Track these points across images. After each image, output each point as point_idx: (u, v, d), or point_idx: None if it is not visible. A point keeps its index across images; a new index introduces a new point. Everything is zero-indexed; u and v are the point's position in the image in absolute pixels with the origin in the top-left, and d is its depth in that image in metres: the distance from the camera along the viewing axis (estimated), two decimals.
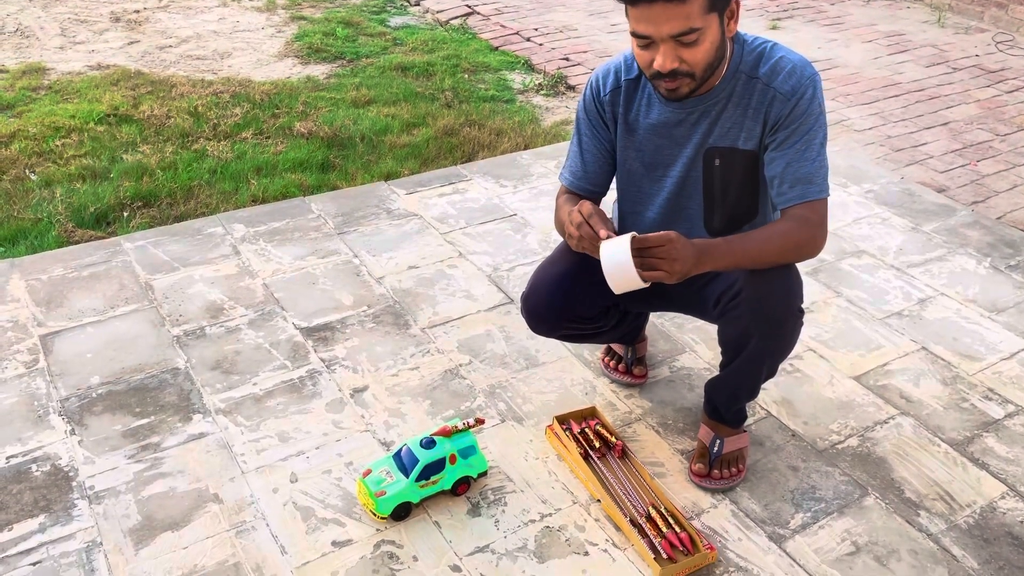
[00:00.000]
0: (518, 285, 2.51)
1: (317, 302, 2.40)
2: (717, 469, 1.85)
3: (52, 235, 2.83)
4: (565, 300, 1.78)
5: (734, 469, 1.86)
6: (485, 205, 2.96)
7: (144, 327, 2.28)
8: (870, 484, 1.88)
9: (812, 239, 1.62)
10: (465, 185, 3.10)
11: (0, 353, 2.16)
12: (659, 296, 1.87)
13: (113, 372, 2.11)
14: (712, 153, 1.68)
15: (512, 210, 2.93)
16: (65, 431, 1.93)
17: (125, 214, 2.98)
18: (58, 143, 3.47)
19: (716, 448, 1.86)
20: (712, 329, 2.30)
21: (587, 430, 1.92)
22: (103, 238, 2.77)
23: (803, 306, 1.71)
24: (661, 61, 1.51)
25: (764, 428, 2.02)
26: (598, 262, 1.53)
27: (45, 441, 1.90)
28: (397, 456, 1.77)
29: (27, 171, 3.27)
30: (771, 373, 1.80)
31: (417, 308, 2.40)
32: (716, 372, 2.09)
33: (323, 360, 2.18)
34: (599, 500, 1.80)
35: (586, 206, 1.58)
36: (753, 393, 1.85)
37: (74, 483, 1.80)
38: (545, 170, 3.21)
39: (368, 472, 1.76)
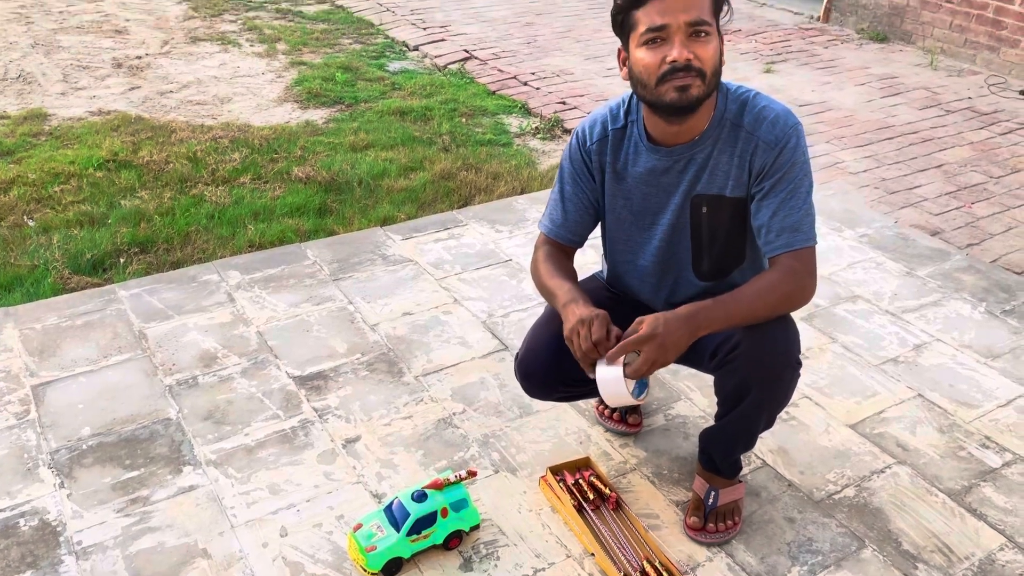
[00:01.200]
0: (513, 332, 2.50)
1: (311, 350, 2.40)
2: (712, 522, 1.83)
3: (48, 282, 2.83)
4: (560, 363, 1.77)
5: (730, 522, 1.84)
6: (480, 250, 2.97)
7: (136, 376, 2.27)
8: (867, 536, 1.85)
9: (801, 289, 1.62)
10: (461, 230, 3.11)
11: None
12: None
13: (104, 423, 2.10)
14: (699, 200, 1.69)
15: (507, 255, 2.94)
16: (54, 484, 1.91)
17: (121, 260, 2.98)
18: (57, 189, 3.49)
19: (711, 500, 1.84)
20: (707, 376, 2.29)
21: (581, 481, 1.91)
22: (99, 284, 2.78)
23: (800, 356, 1.70)
24: (677, 52, 1.52)
25: (760, 478, 2.00)
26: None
27: (34, 495, 1.88)
28: (388, 510, 1.75)
29: (25, 217, 3.28)
30: (768, 424, 1.79)
31: (411, 355, 2.39)
32: (711, 420, 2.08)
33: (316, 409, 2.17)
34: (593, 554, 1.77)
35: (598, 326, 1.56)
36: (750, 444, 1.83)
37: (62, 538, 1.78)
38: (540, 215, 3.21)
39: (359, 526, 1.74)
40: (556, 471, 1.94)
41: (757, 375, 1.64)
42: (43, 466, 1.96)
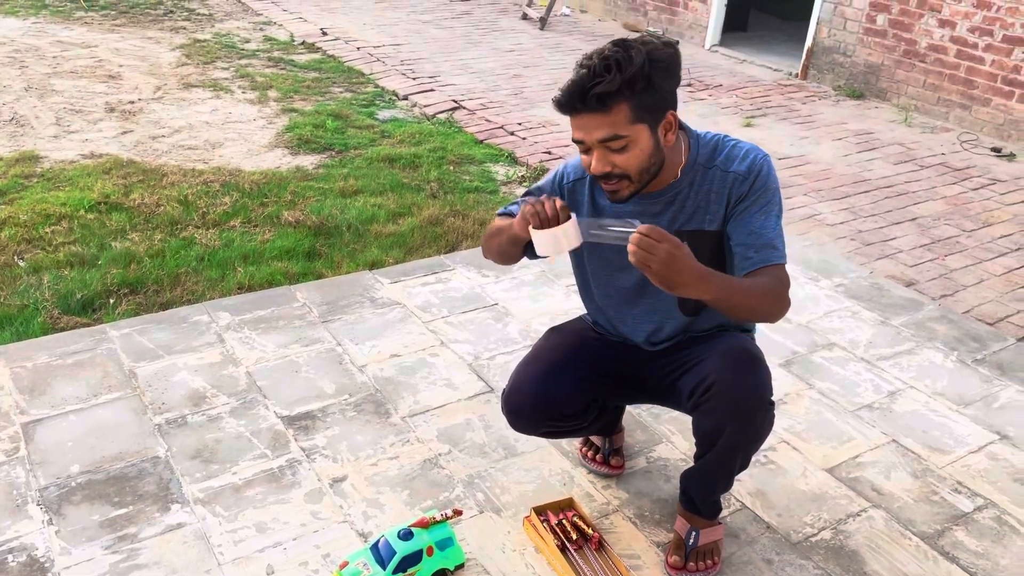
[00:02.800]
0: (498, 374, 2.55)
1: (299, 390, 2.43)
2: (693, 561, 1.87)
3: (38, 321, 2.86)
4: (547, 399, 1.83)
5: (709, 561, 1.88)
6: (467, 295, 3.03)
7: (126, 415, 2.29)
8: None
9: (784, 296, 1.67)
10: (448, 275, 3.17)
11: None
12: (637, 387, 1.93)
13: (93, 461, 2.12)
14: (681, 237, 1.75)
15: (493, 299, 3.00)
16: (43, 521, 1.93)
17: (111, 301, 3.01)
18: (48, 230, 3.52)
19: (692, 540, 1.88)
20: (688, 419, 2.34)
21: (564, 521, 1.94)
22: (89, 324, 2.81)
23: (774, 398, 1.76)
24: (595, 166, 1.63)
25: (739, 520, 2.04)
26: (581, 357, 1.74)
27: (22, 531, 1.90)
28: (375, 548, 1.78)
29: (16, 257, 3.31)
30: (744, 465, 1.84)
31: (398, 396, 2.43)
32: (692, 463, 2.13)
33: (303, 449, 2.20)
34: None
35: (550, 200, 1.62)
36: (728, 484, 1.88)
37: (50, 575, 1.79)
38: (526, 261, 3.29)
39: (345, 564, 1.76)
40: (540, 511, 1.97)
41: (730, 416, 1.70)
42: (32, 503, 1.98)
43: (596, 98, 1.55)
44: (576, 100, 1.58)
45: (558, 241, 1.61)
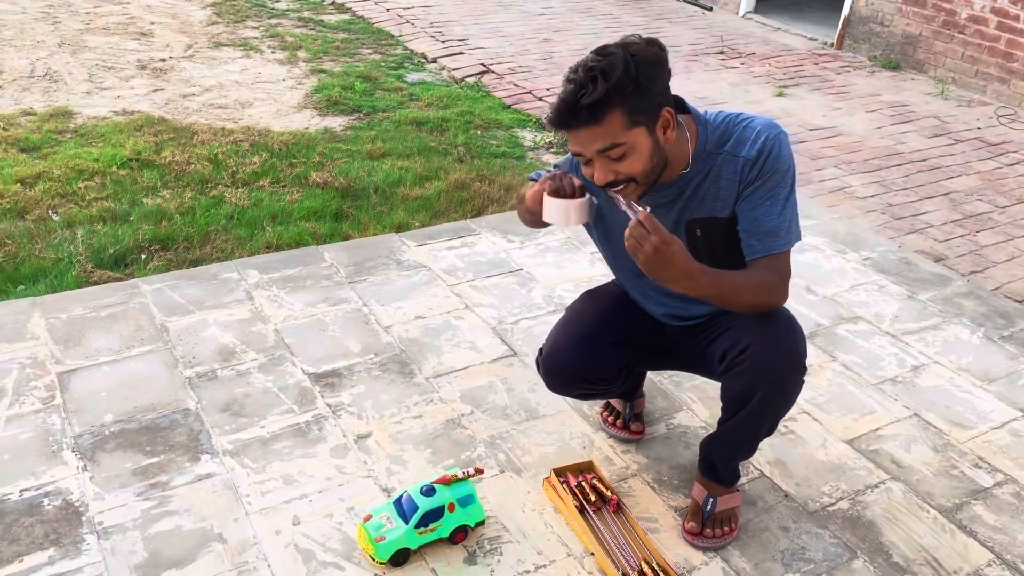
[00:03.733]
0: (522, 339, 2.58)
1: (326, 349, 2.47)
2: (710, 527, 1.89)
3: (72, 275, 2.91)
4: (585, 362, 1.87)
5: (726, 528, 1.90)
6: (492, 259, 3.05)
7: (158, 368, 2.35)
8: (859, 547, 1.91)
9: (780, 287, 1.67)
10: (474, 239, 3.19)
11: (19, 389, 2.23)
12: (666, 355, 1.95)
13: (126, 411, 2.18)
14: (693, 224, 1.76)
15: (518, 265, 3.01)
16: (77, 467, 1.99)
17: (143, 256, 3.07)
18: (81, 185, 3.57)
19: (709, 507, 1.90)
20: (711, 389, 2.36)
21: (584, 484, 1.97)
22: (121, 279, 2.86)
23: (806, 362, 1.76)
24: (598, 176, 1.63)
25: (757, 488, 2.06)
26: (617, 322, 1.81)
27: (58, 476, 1.96)
28: (398, 503, 1.82)
29: (50, 211, 3.37)
30: (771, 430, 1.85)
31: (423, 357, 2.47)
32: (711, 430, 2.15)
33: (329, 406, 2.24)
34: (593, 553, 1.84)
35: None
36: (751, 450, 1.90)
37: (84, 518, 1.85)
38: (551, 227, 3.29)
39: (369, 517, 1.81)
40: (560, 473, 2.01)
41: (764, 378, 1.70)
42: (67, 449, 2.04)
43: (587, 110, 1.53)
44: (567, 116, 1.56)
45: (568, 214, 1.68)
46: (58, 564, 1.74)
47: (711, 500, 1.90)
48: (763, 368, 1.69)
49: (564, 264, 3.04)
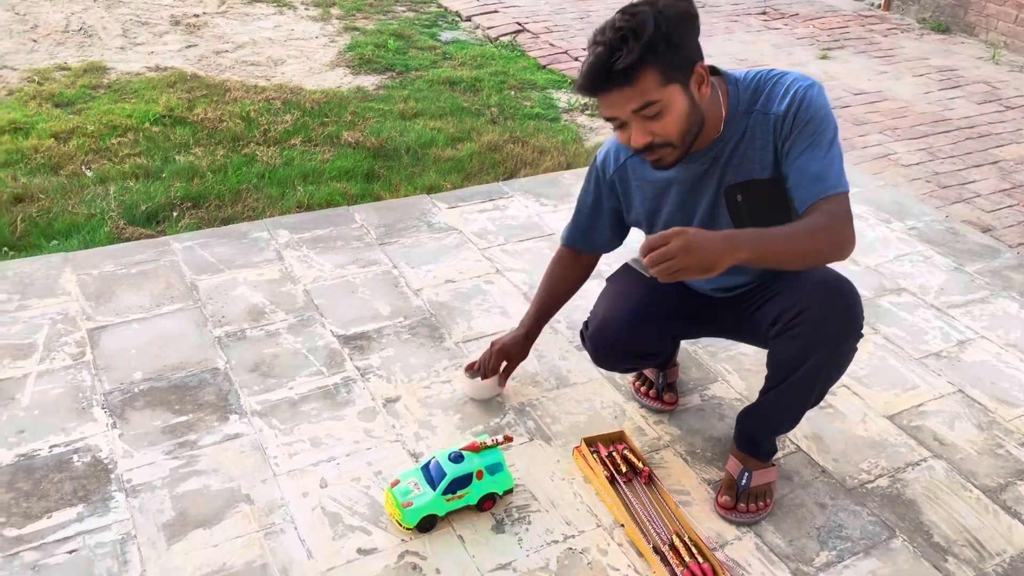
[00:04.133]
0: None
1: (355, 311, 2.45)
2: (744, 502, 1.85)
3: (104, 231, 2.91)
4: (636, 337, 1.84)
5: (761, 503, 1.86)
6: (524, 223, 2.99)
7: (187, 326, 2.34)
8: (898, 526, 1.86)
9: (842, 229, 1.55)
10: (506, 202, 3.13)
11: (50, 344, 2.23)
12: (710, 322, 1.91)
13: (156, 369, 2.17)
14: (732, 191, 1.69)
15: (551, 229, 2.96)
16: (107, 424, 1.99)
17: (174, 214, 3.06)
18: (114, 141, 3.57)
19: (744, 481, 1.86)
20: (746, 359, 2.30)
21: (615, 454, 1.93)
22: (152, 236, 2.85)
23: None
24: (633, 139, 1.56)
25: (793, 463, 2.01)
26: (665, 294, 1.81)
27: (87, 433, 1.96)
28: (425, 468, 1.80)
29: (83, 167, 3.37)
30: (819, 399, 1.79)
31: (452, 322, 2.43)
32: (747, 403, 2.10)
33: (358, 368, 2.22)
34: (623, 525, 1.80)
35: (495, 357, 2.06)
36: (795, 421, 1.84)
37: (112, 475, 1.85)
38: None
39: (396, 482, 1.78)
40: (590, 443, 1.97)
41: (819, 342, 1.64)
42: (97, 406, 2.04)
43: (621, 73, 1.47)
44: (599, 80, 1.50)
45: (482, 390, 2.11)
46: (86, 521, 1.74)
47: (746, 474, 1.86)
48: (819, 331, 1.63)
49: None
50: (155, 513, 1.77)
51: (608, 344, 1.86)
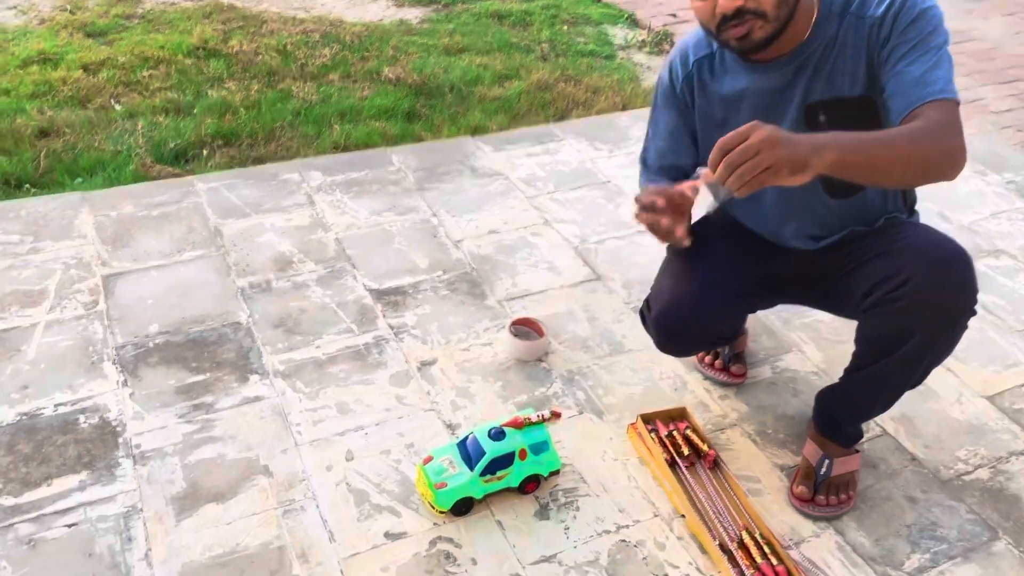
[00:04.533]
0: (606, 260, 2.29)
1: (390, 262, 2.24)
2: (823, 494, 1.62)
3: (130, 169, 2.75)
4: (708, 320, 1.58)
5: (843, 495, 1.63)
6: (576, 169, 2.74)
7: (209, 275, 2.16)
8: (1001, 526, 1.62)
9: (946, 137, 1.27)
10: (556, 145, 2.88)
11: (61, 292, 2.07)
12: (789, 288, 1.65)
13: (173, 321, 2.00)
14: (815, 109, 1.43)
15: (605, 176, 2.70)
16: (117, 381, 1.83)
17: (204, 152, 2.87)
18: (145, 74, 3.40)
19: (824, 469, 1.63)
20: (824, 327, 2.05)
21: (675, 433, 1.71)
22: (180, 175, 2.68)
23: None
24: (724, 1, 1.31)
25: (878, 449, 1.77)
26: (739, 265, 1.54)
27: (96, 391, 1.80)
28: (462, 444, 1.60)
29: (112, 100, 3.21)
30: (918, 383, 1.55)
31: (495, 277, 2.21)
32: (824, 377, 1.87)
33: (391, 327, 2.02)
34: (683, 516, 1.59)
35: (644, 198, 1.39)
36: (888, 405, 1.60)
37: (120, 440, 1.69)
38: (643, 133, 2.95)
39: (429, 459, 1.59)
40: (647, 419, 1.75)
41: (928, 318, 1.39)
42: (108, 361, 1.88)
43: None
44: None
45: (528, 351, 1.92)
46: (89, 490, 1.58)
47: (826, 462, 1.63)
48: (928, 306, 1.37)
49: None
50: (164, 484, 1.61)
51: (676, 330, 1.61)
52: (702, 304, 1.56)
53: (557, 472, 1.64)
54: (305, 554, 1.49)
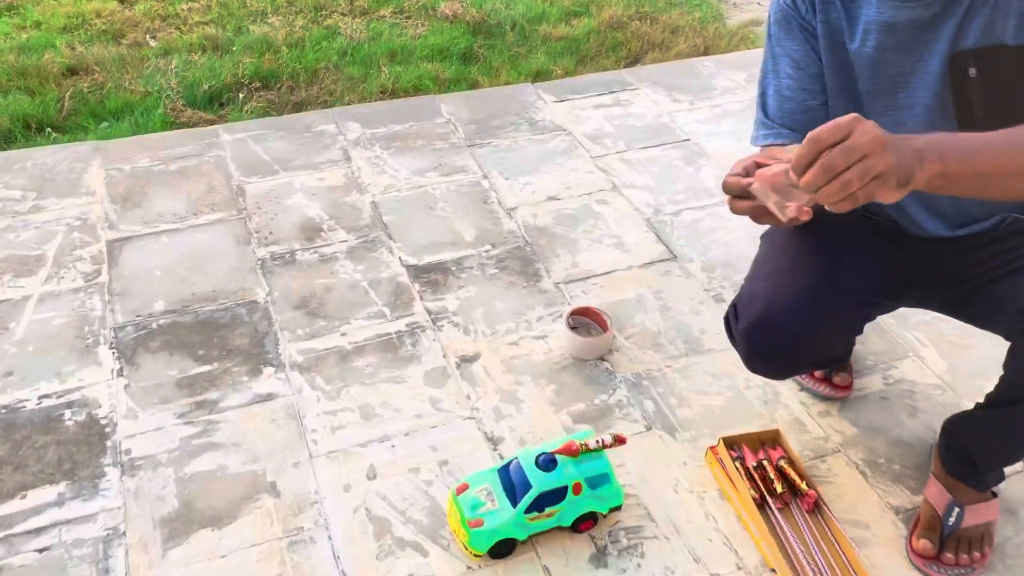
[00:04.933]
0: (685, 236, 1.96)
1: (432, 233, 1.95)
2: (951, 550, 1.30)
3: (158, 113, 2.51)
4: (816, 336, 1.22)
5: (976, 553, 1.30)
6: (651, 124, 2.38)
7: (226, 242, 1.90)
8: None
9: None
10: (629, 96, 2.52)
11: (60, 258, 1.84)
12: (913, 288, 1.30)
13: (181, 298, 1.75)
14: (963, 60, 1.07)
15: (685, 133, 2.34)
16: (112, 370, 1.59)
17: (240, 95, 2.61)
18: (184, 7, 3.14)
19: (952, 519, 1.30)
20: (948, 326, 1.69)
21: (766, 464, 1.40)
22: (211, 122, 2.43)
23: None
24: None
25: (1018, 490, 1.43)
26: (857, 262, 1.19)
27: (87, 380, 1.57)
28: (504, 472, 1.32)
29: (147, 36, 2.97)
30: None
31: (552, 254, 1.90)
32: (948, 391, 1.53)
33: (429, 311, 1.74)
34: (773, 570, 1.29)
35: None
36: None
37: (109, 443, 1.46)
38: (732, 83, 2.58)
39: (464, 488, 1.32)
40: (731, 443, 1.44)
41: None
42: (104, 344, 1.64)
43: None
44: None
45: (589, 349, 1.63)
46: (67, 506, 1.35)
47: (956, 509, 1.30)
48: None
49: (747, 135, 2.33)
50: (154, 501, 1.37)
51: (773, 349, 1.25)
52: (810, 316, 1.21)
53: (619, 508, 1.35)
54: None
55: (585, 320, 1.69)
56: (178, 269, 1.82)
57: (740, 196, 0.98)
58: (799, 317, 1.20)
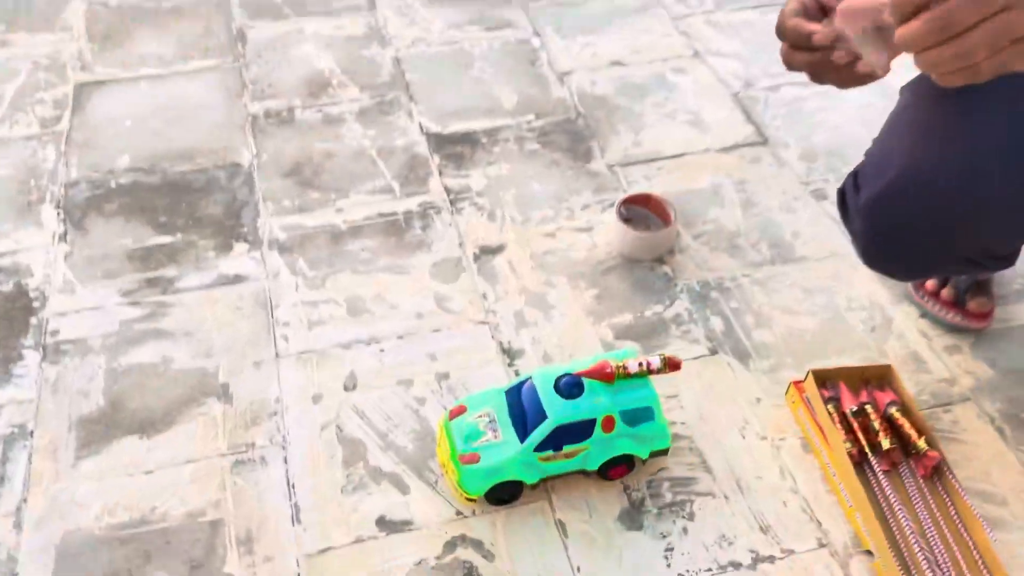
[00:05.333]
0: (781, 116, 1.56)
1: (463, 97, 1.59)
2: None
3: None
4: (976, 216, 0.85)
5: None
6: None
7: (215, 94, 1.58)
8: None
9: None
10: None
11: (19, 100, 1.55)
12: None
13: (150, 154, 1.45)
14: None
15: None
16: (54, 234, 1.30)
17: None
18: None
19: None
20: None
21: (870, 409, 1.04)
22: None
23: None
24: None
25: None
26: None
27: (23, 243, 1.29)
28: (514, 394, 0.99)
29: None
30: None
31: (610, 130, 1.52)
32: None
33: (448, 190, 1.40)
34: (869, 552, 0.95)
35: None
36: None
37: (34, 319, 1.18)
38: None
39: (460, 411, 1.00)
40: (824, 378, 1.08)
41: None
42: (49, 202, 1.35)
43: None
44: None
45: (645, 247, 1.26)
46: None
47: None
48: None
49: None
50: (75, 395, 1.09)
51: (909, 230, 0.88)
52: (970, 183, 0.83)
53: (664, 452, 1.02)
54: (249, 540, 0.95)
55: (642, 211, 1.32)
56: (153, 121, 1.51)
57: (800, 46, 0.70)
58: (954, 185, 0.82)
